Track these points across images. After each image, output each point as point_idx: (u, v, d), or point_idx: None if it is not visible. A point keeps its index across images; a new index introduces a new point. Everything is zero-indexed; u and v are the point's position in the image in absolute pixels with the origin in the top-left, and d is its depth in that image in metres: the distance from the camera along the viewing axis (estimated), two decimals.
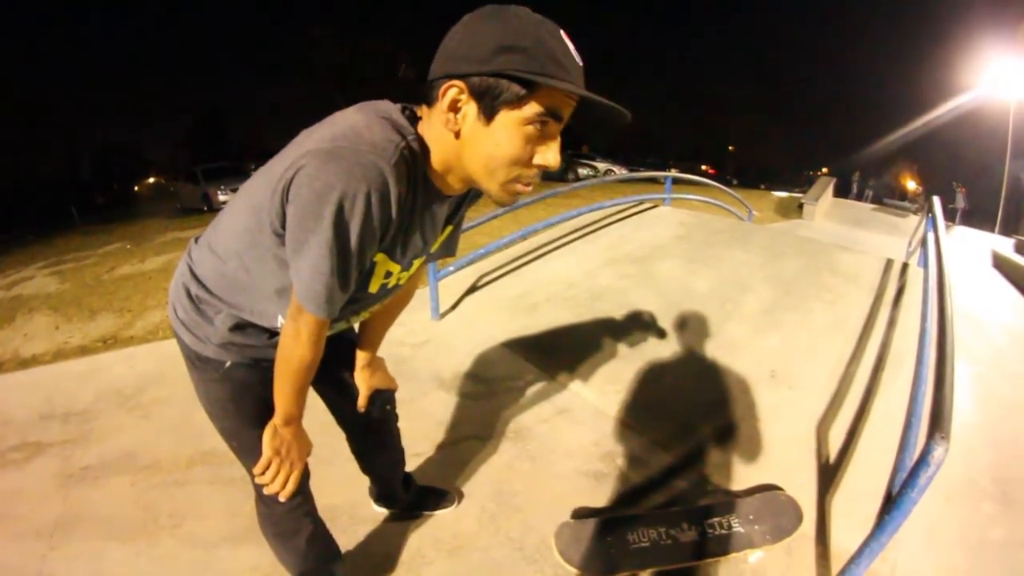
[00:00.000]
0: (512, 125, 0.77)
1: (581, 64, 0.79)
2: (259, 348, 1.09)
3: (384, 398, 1.52)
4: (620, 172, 18.87)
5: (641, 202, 6.19)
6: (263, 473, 1.08)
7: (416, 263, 1.07)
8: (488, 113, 0.76)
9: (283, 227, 0.86)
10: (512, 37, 0.73)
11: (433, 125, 0.84)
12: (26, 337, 3.67)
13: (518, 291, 3.91)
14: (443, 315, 3.59)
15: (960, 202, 15.88)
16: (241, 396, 1.11)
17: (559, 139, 0.82)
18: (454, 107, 0.78)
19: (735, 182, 31.77)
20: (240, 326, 1.05)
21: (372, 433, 1.58)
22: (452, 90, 0.77)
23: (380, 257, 0.94)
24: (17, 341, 3.61)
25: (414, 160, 0.84)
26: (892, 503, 1.44)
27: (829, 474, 2.07)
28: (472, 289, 3.97)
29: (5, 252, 8.22)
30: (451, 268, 3.82)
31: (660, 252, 4.63)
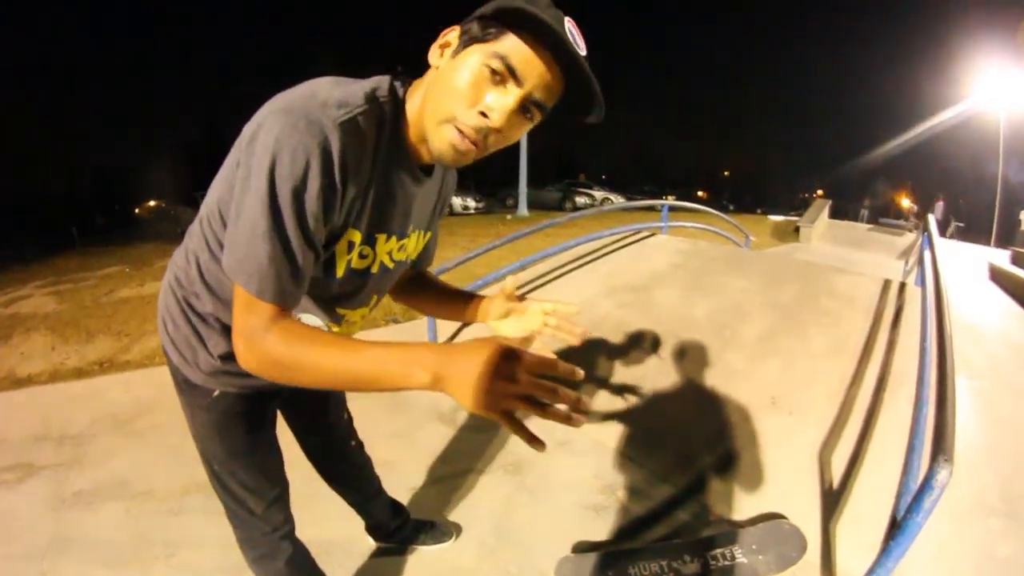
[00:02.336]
0: (471, 58, 0.76)
1: (582, 50, 0.76)
2: (250, 377, 0.97)
3: (347, 432, 1.57)
4: (618, 201, 19.05)
5: (639, 231, 6.25)
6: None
7: (384, 244, 0.96)
8: (460, 49, 0.78)
9: None
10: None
11: (422, 80, 0.86)
12: (22, 356, 3.66)
13: None
14: None
15: (937, 213, 15.80)
16: (226, 425, 1.09)
17: (515, 99, 0.76)
18: (444, 47, 0.81)
19: (731, 207, 32.05)
20: (232, 355, 0.95)
21: (337, 463, 1.60)
22: (450, 33, 0.80)
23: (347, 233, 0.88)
24: (13, 359, 3.61)
25: (380, 122, 0.82)
26: (897, 528, 1.42)
27: (833, 500, 2.04)
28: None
29: (4, 269, 8.15)
30: None
31: (658, 281, 4.64)
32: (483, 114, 0.76)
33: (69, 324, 4.27)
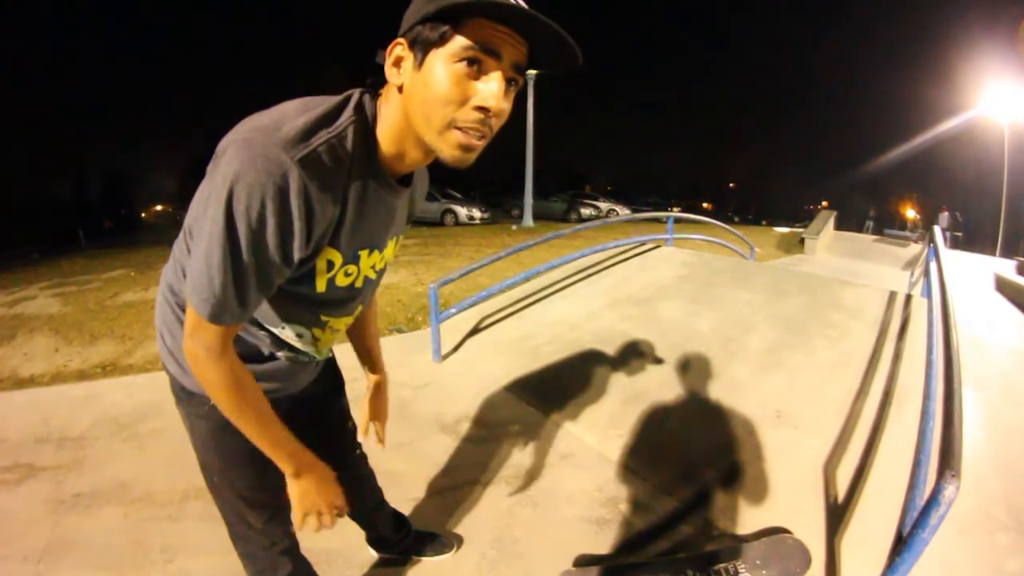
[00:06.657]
0: (440, 63, 0.75)
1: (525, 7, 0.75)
2: None
3: (351, 443, 1.53)
4: (623, 212, 19.05)
5: (643, 243, 6.25)
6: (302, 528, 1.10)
7: (367, 259, 0.99)
8: (420, 58, 0.76)
9: None
10: None
11: (388, 94, 0.84)
12: (25, 356, 3.69)
13: (520, 333, 3.92)
14: (445, 357, 3.59)
15: (942, 223, 15.68)
16: (224, 435, 1.08)
17: (500, 80, 0.76)
18: (398, 63, 0.79)
19: (736, 219, 32.04)
20: None
21: (339, 475, 1.58)
22: (397, 48, 0.79)
23: (324, 252, 0.90)
24: (16, 360, 3.63)
25: (348, 146, 0.82)
26: (903, 544, 1.41)
27: (837, 515, 2.02)
28: (474, 331, 3.98)
29: (10, 269, 8.18)
30: (453, 310, 3.85)
31: (663, 293, 4.64)
32: (479, 107, 0.77)
33: (73, 326, 4.30)
